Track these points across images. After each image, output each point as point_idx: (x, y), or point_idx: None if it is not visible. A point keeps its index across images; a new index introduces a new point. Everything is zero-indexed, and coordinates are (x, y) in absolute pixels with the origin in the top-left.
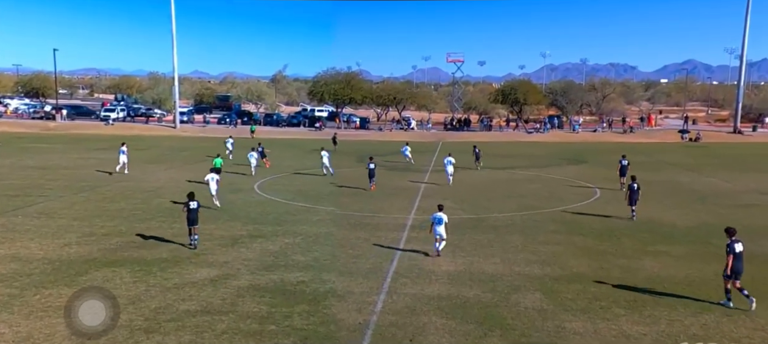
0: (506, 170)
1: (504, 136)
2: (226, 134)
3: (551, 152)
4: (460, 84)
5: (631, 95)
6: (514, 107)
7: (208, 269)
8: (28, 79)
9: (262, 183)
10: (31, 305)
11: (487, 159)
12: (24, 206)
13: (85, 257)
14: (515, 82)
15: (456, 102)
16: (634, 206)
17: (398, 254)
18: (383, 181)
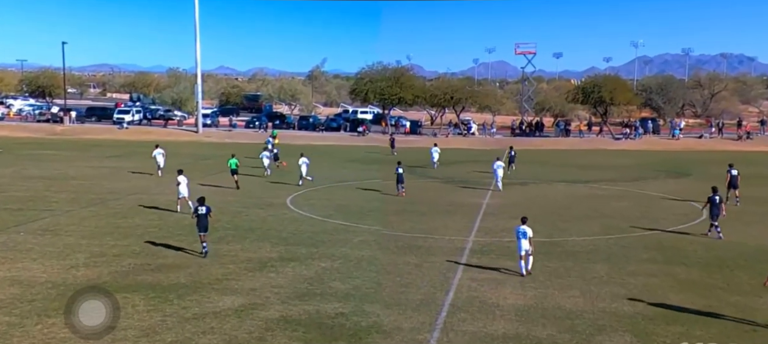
0: (587, 184)
1: (585, 143)
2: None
3: (644, 162)
4: (532, 80)
5: (748, 93)
6: (598, 107)
7: (233, 297)
8: (33, 76)
9: (296, 197)
10: (33, 336)
11: (562, 171)
12: (27, 222)
13: (94, 281)
14: (599, 77)
15: (526, 102)
16: (715, 222)
17: (455, 284)
18: (437, 197)
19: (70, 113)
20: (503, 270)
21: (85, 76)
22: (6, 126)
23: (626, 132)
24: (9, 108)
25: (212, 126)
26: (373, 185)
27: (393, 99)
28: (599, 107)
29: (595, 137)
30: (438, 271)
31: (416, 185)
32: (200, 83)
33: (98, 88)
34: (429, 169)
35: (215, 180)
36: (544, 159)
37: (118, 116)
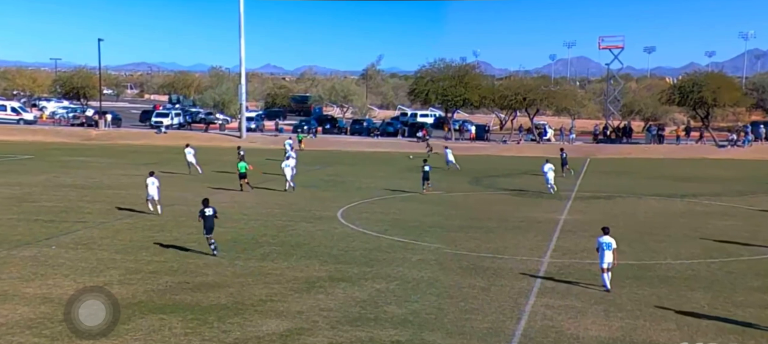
0: (685, 199)
1: (682, 150)
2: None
3: (754, 174)
4: (618, 79)
5: None
6: (698, 110)
7: (278, 320)
8: (67, 76)
9: (347, 210)
10: None
11: (654, 183)
12: (59, 234)
13: (128, 300)
14: (700, 74)
15: (611, 104)
16: None
17: (528, 311)
18: (507, 212)
19: (105, 116)
20: (584, 295)
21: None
22: (39, 130)
23: (732, 139)
24: (42, 111)
25: (257, 131)
26: (434, 198)
27: (457, 100)
28: (699, 109)
29: (695, 144)
30: (508, 296)
31: (482, 198)
32: (244, 84)
33: (135, 89)
34: (497, 180)
35: (258, 191)
36: (632, 169)
37: (156, 119)
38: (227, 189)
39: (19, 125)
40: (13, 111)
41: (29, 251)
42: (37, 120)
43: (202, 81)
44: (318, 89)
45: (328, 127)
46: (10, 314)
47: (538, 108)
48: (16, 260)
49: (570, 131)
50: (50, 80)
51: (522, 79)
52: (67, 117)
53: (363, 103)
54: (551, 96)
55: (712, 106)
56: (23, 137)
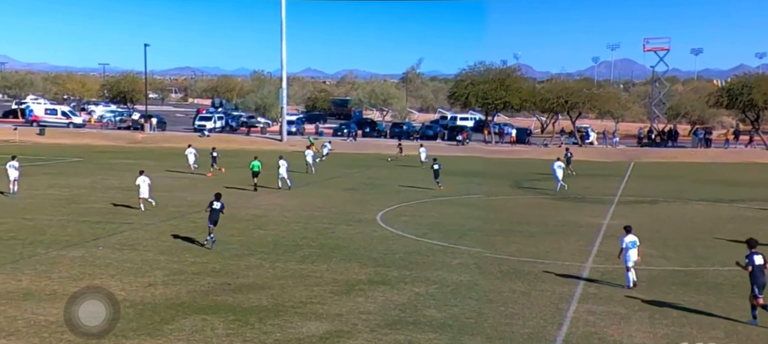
0: (733, 204)
1: (730, 155)
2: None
3: None
4: (663, 81)
5: None
6: (748, 113)
7: (317, 322)
8: (115, 81)
9: (386, 213)
10: None
11: (701, 188)
12: (106, 235)
13: (172, 300)
14: (750, 76)
15: (656, 107)
16: None
17: (570, 317)
18: (548, 216)
19: (150, 119)
20: (628, 301)
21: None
22: (87, 134)
23: None
24: (90, 115)
25: (297, 134)
26: (474, 201)
27: (497, 103)
28: (749, 112)
29: (744, 148)
30: (549, 301)
31: (523, 202)
32: (285, 87)
33: (180, 93)
34: (538, 183)
35: (299, 193)
36: (678, 173)
37: (199, 123)
38: (267, 192)
39: (68, 128)
40: (63, 115)
41: (78, 251)
42: (85, 124)
43: (244, 85)
44: (358, 93)
45: (367, 130)
46: (60, 313)
47: (580, 111)
48: (65, 260)
49: (613, 135)
50: (98, 85)
51: (564, 82)
52: (114, 121)
53: (403, 106)
54: (594, 99)
55: (762, 109)
56: (73, 140)
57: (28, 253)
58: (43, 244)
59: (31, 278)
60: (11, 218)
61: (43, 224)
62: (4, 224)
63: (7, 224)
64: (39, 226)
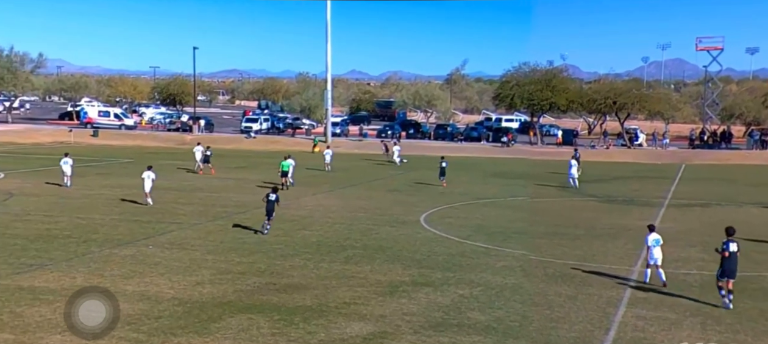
0: None
1: None
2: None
3: None
4: (716, 82)
5: None
6: None
7: (361, 323)
8: (165, 83)
9: (430, 215)
10: None
11: (756, 191)
12: (155, 235)
13: (219, 299)
14: None
15: (709, 108)
16: None
17: (617, 321)
18: (596, 219)
19: (199, 121)
20: (679, 307)
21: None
22: (138, 135)
23: None
24: (141, 117)
25: (341, 135)
26: (519, 204)
27: (543, 105)
28: None
29: None
30: (596, 305)
31: (569, 205)
32: (330, 89)
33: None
34: (585, 186)
35: (343, 194)
36: (731, 176)
37: (245, 124)
38: (311, 193)
39: (120, 130)
40: (115, 117)
41: (129, 250)
42: (136, 125)
43: (289, 87)
44: (402, 94)
45: (411, 132)
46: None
47: (629, 112)
48: (117, 258)
49: (663, 136)
50: (149, 88)
51: (612, 83)
52: (164, 122)
53: (447, 107)
54: (643, 100)
55: None
56: (124, 141)
57: (82, 251)
58: (96, 242)
59: (85, 275)
60: (66, 217)
61: (96, 223)
62: (59, 222)
63: (62, 223)
64: (92, 225)
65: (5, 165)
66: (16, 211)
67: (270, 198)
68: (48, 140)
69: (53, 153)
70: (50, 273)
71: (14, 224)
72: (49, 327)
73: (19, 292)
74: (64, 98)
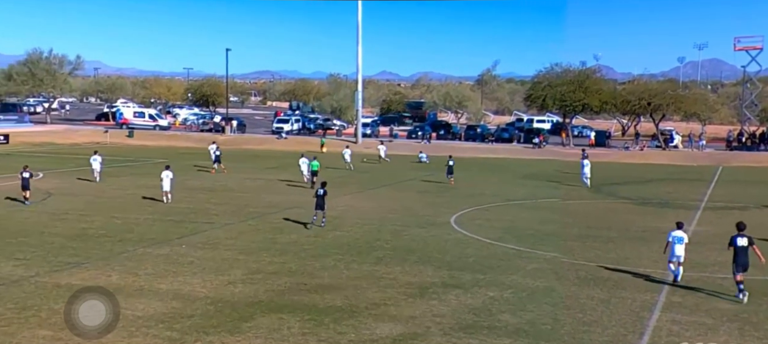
0: None
1: None
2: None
3: None
4: (755, 82)
5: None
6: None
7: (391, 324)
8: (198, 85)
9: (460, 216)
10: None
11: None
12: (188, 234)
13: (250, 298)
14: None
15: (747, 109)
16: None
17: (652, 326)
18: (629, 221)
19: (231, 122)
20: (716, 312)
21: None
22: (172, 136)
23: None
24: (175, 118)
25: (372, 136)
26: (550, 205)
27: (576, 106)
28: None
29: None
30: (629, 309)
31: (602, 207)
32: (361, 90)
33: (259, 96)
34: (618, 187)
35: (373, 195)
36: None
37: (277, 125)
38: (342, 194)
39: (155, 130)
40: (150, 118)
41: (162, 249)
42: (170, 126)
43: (320, 88)
44: (433, 95)
45: (442, 133)
46: (146, 308)
47: (664, 113)
48: (151, 257)
49: (699, 138)
50: (183, 89)
51: (646, 83)
52: (197, 123)
53: (478, 108)
54: (679, 100)
55: None
56: (158, 142)
57: (117, 250)
58: (131, 241)
59: (120, 274)
60: (102, 216)
61: (130, 223)
62: (95, 222)
63: (98, 222)
64: (127, 224)
65: (44, 165)
66: (54, 210)
67: (319, 193)
68: (85, 141)
69: (90, 154)
70: (87, 271)
71: (53, 223)
72: None
73: (56, 290)
74: (100, 99)
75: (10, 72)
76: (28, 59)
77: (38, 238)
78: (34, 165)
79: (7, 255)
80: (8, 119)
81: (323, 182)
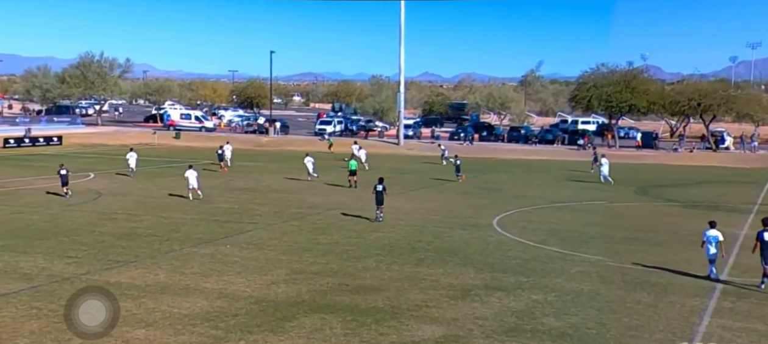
0: None
1: None
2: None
3: None
4: None
5: None
6: None
7: (433, 326)
8: (242, 87)
9: (503, 218)
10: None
11: None
12: (233, 234)
13: (293, 298)
14: None
15: None
16: None
17: (702, 332)
18: (678, 224)
19: (275, 123)
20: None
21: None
22: (217, 137)
23: None
24: (220, 119)
25: (414, 138)
26: (595, 208)
27: (622, 106)
28: None
29: None
30: (678, 314)
31: (649, 210)
32: (403, 92)
33: (302, 97)
34: (666, 190)
35: (415, 197)
36: None
37: (319, 127)
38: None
39: (201, 132)
40: (196, 120)
41: (208, 249)
42: (216, 128)
43: (363, 89)
44: (475, 96)
45: (484, 134)
46: (192, 306)
47: (714, 114)
48: (197, 256)
49: (752, 139)
50: (228, 91)
51: (696, 84)
52: (242, 125)
53: (521, 110)
54: (731, 101)
55: None
56: (204, 143)
57: (164, 249)
58: (177, 241)
59: (167, 273)
60: (150, 216)
61: (177, 223)
62: (143, 221)
63: (146, 222)
64: (174, 224)
65: (95, 166)
66: (104, 210)
67: (377, 189)
68: (134, 142)
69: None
70: (135, 269)
71: (103, 223)
72: (134, 321)
73: (106, 287)
74: (148, 101)
75: (63, 75)
76: (80, 63)
77: (89, 237)
78: (84, 166)
79: (60, 254)
80: (62, 120)
81: (381, 177)
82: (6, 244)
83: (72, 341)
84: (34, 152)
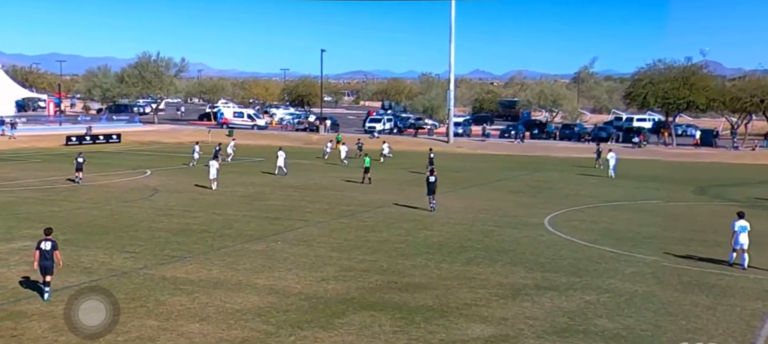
0: None
1: None
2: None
3: None
4: None
5: None
6: None
7: (482, 325)
8: (293, 85)
9: (554, 217)
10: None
11: None
12: (284, 231)
13: (342, 295)
14: None
15: None
16: None
17: (763, 336)
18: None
19: (325, 121)
20: None
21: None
22: (269, 135)
23: None
24: (272, 117)
25: (464, 136)
26: (651, 207)
27: (679, 104)
28: None
29: None
30: (738, 317)
31: (708, 210)
32: (452, 89)
33: (352, 96)
34: (726, 189)
35: (464, 195)
36: None
37: (369, 124)
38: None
39: (253, 130)
40: (248, 118)
41: (259, 245)
42: (267, 126)
43: (412, 87)
44: (526, 94)
45: (536, 132)
46: (244, 301)
47: None
48: (249, 253)
49: None
50: (279, 89)
51: (759, 80)
52: (293, 123)
53: (573, 107)
54: None
55: None
56: (256, 141)
57: (217, 245)
58: (230, 237)
59: (220, 268)
60: (203, 213)
61: (230, 219)
62: (197, 218)
63: (200, 218)
64: (227, 221)
65: (151, 163)
66: (160, 206)
67: (430, 180)
68: (189, 140)
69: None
70: (189, 264)
71: (159, 218)
72: (189, 315)
73: (162, 282)
74: (203, 99)
75: (122, 75)
76: (138, 63)
77: (146, 232)
78: (143, 163)
79: (118, 248)
80: (120, 119)
81: (432, 168)
82: (68, 238)
83: (130, 333)
84: (94, 149)
